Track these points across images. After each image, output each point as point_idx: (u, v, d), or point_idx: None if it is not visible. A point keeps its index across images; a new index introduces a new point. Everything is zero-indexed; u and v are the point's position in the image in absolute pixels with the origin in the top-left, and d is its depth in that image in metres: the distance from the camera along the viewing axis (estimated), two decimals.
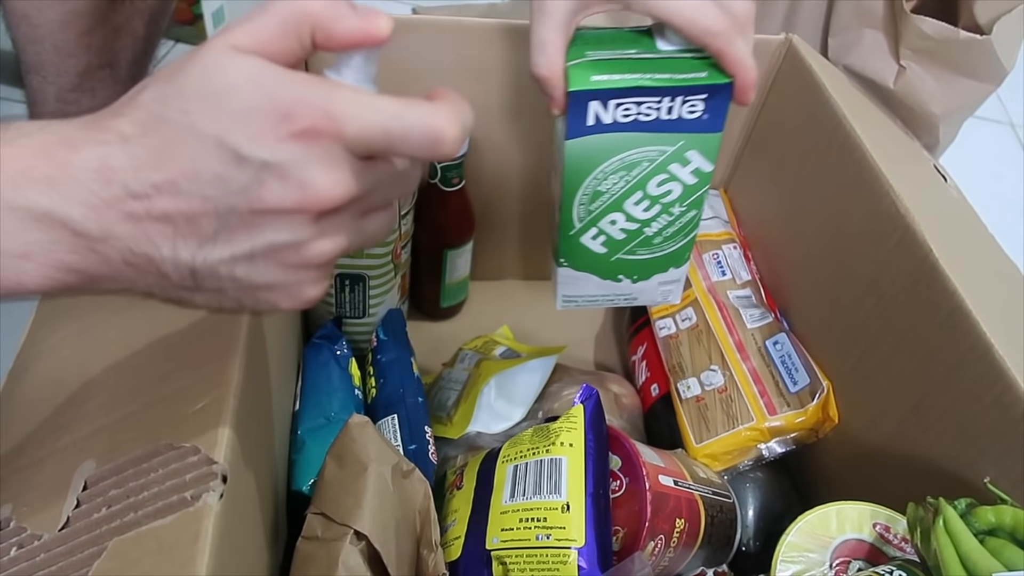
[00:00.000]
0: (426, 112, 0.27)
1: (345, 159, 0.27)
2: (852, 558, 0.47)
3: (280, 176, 0.26)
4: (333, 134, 0.26)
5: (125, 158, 0.26)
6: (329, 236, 0.28)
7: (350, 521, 0.44)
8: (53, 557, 0.34)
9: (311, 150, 0.26)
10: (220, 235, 0.27)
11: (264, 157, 0.26)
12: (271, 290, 0.29)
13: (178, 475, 0.34)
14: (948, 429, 0.48)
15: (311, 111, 0.26)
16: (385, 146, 0.27)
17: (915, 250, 0.50)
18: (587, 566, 0.44)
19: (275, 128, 0.26)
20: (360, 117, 0.27)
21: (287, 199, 0.26)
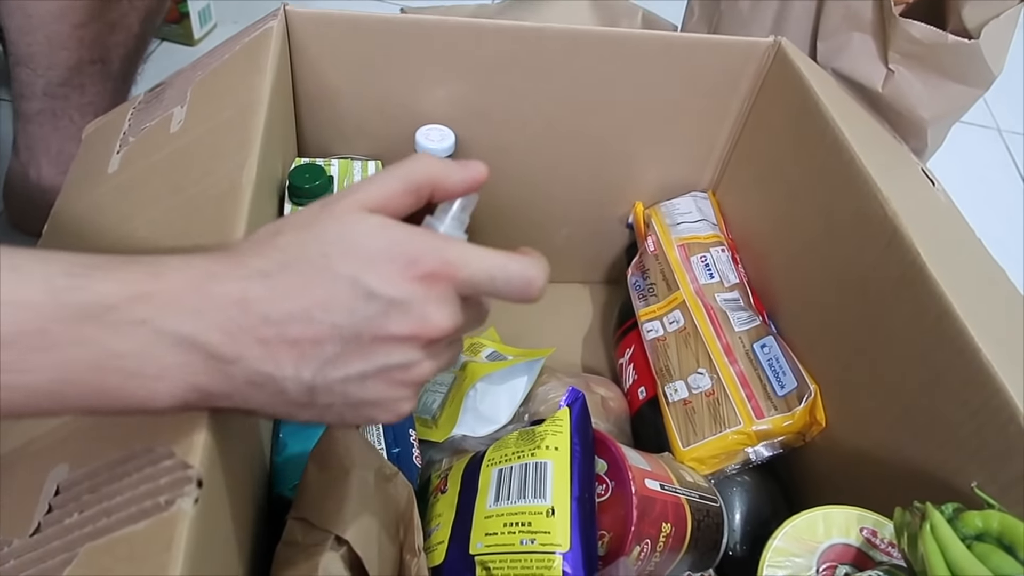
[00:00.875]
0: (524, 265, 0.33)
1: (455, 299, 0.32)
2: (839, 563, 0.46)
3: (404, 310, 0.31)
4: (449, 278, 0.32)
5: (264, 291, 0.30)
6: (431, 359, 0.33)
7: (331, 526, 0.43)
8: (23, 564, 0.33)
9: (431, 290, 0.31)
10: (341, 357, 0.31)
11: (392, 295, 0.30)
12: (374, 406, 0.33)
13: (152, 480, 0.33)
14: (935, 433, 0.48)
15: (433, 259, 0.31)
16: (489, 289, 0.33)
17: (903, 254, 0.50)
18: (572, 571, 0.44)
19: (402, 272, 0.31)
20: (472, 265, 0.32)
21: (406, 329, 0.31)
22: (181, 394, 0.30)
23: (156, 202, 0.47)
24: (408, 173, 0.34)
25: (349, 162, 0.63)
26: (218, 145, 0.49)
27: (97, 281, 0.28)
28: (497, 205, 0.75)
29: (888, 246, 0.52)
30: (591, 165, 0.73)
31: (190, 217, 0.45)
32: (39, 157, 0.80)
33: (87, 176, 0.54)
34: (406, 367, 0.32)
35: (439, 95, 0.66)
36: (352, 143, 0.69)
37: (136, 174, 0.51)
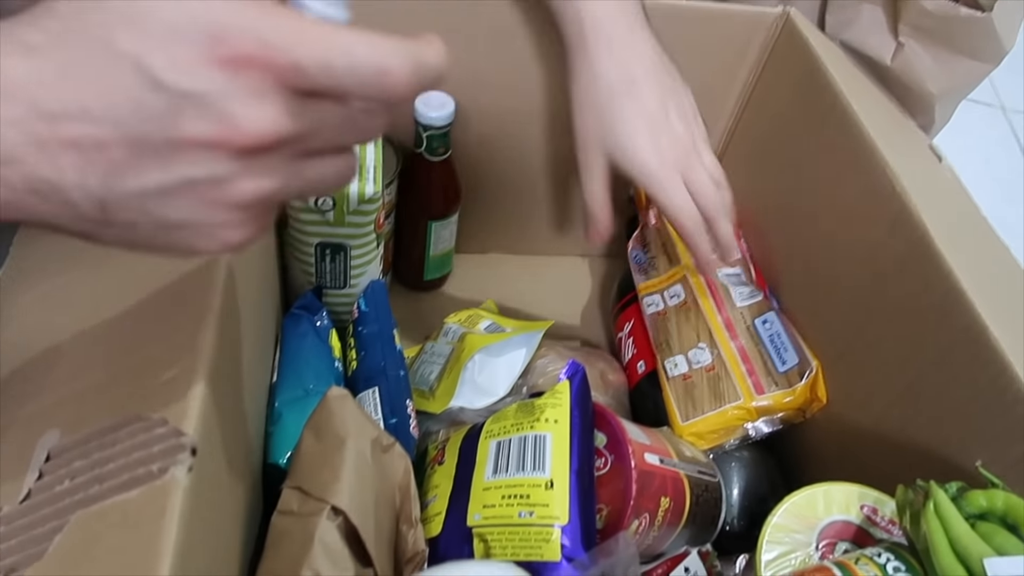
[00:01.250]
0: (376, 47, 0.24)
1: (278, 93, 0.24)
2: (838, 540, 0.46)
3: (200, 107, 0.24)
4: (265, 64, 0.24)
5: (30, 72, 0.23)
6: (255, 176, 0.25)
7: (327, 496, 0.42)
8: (13, 531, 0.33)
9: (238, 80, 0.24)
10: (132, 165, 0.24)
11: (183, 85, 0.23)
12: (186, 229, 0.26)
13: (145, 447, 0.33)
14: (939, 412, 0.47)
15: (242, 37, 0.23)
16: (328, 82, 0.25)
17: (910, 230, 0.49)
18: (570, 544, 0.43)
19: (200, 53, 0.23)
20: (299, 48, 0.24)
21: (205, 132, 0.24)
22: None
23: None
24: None
25: None
26: None
27: None
28: (496, 174, 0.74)
29: (895, 222, 0.51)
30: None
31: None
32: None
33: None
34: (217, 183, 0.25)
35: None
36: None
37: None
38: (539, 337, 0.63)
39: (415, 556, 0.45)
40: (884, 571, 0.40)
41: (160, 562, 0.29)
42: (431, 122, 0.63)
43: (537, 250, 0.83)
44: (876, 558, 0.41)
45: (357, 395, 0.55)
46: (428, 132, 0.64)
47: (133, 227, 0.26)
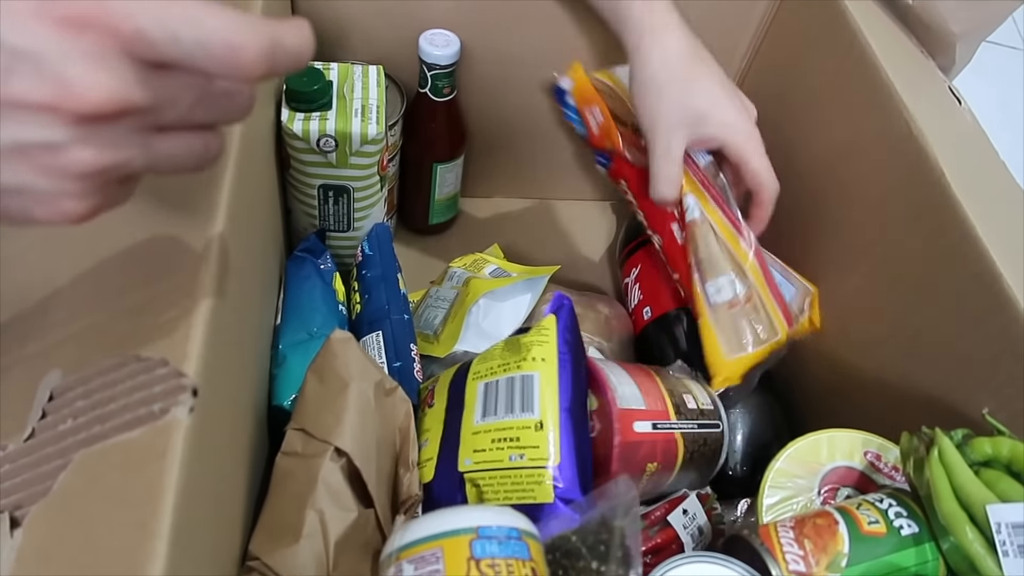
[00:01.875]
0: (230, 22, 0.23)
1: (121, 61, 0.23)
2: (841, 485, 0.46)
3: (33, 65, 0.22)
4: (107, 29, 0.22)
5: None
6: (93, 146, 0.24)
7: (331, 438, 0.43)
8: (17, 469, 0.33)
9: (77, 43, 0.22)
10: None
11: (16, 42, 0.22)
12: (22, 195, 0.25)
13: (146, 388, 0.32)
14: (947, 359, 0.47)
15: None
16: (175, 53, 0.23)
17: (926, 174, 0.48)
18: (563, 484, 0.42)
19: (38, 8, 0.22)
20: (144, 14, 0.22)
21: (38, 93, 0.22)
22: None
23: None
24: None
25: (349, 67, 0.60)
26: None
27: None
28: (502, 116, 0.72)
29: (911, 166, 0.49)
30: None
31: None
32: None
33: None
34: (50, 148, 0.23)
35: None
36: (353, 47, 0.66)
37: None
38: (544, 282, 0.62)
39: (409, 499, 0.45)
40: (886, 516, 0.40)
41: (163, 500, 0.29)
42: (436, 60, 0.62)
43: (544, 194, 0.82)
44: (878, 503, 0.41)
45: (361, 339, 0.55)
46: (433, 72, 0.63)
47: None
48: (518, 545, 0.36)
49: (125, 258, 0.40)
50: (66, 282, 0.40)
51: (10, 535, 0.31)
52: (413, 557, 0.35)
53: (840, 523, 0.40)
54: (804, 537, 0.40)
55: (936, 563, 0.39)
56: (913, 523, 0.40)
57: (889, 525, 0.40)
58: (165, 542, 0.28)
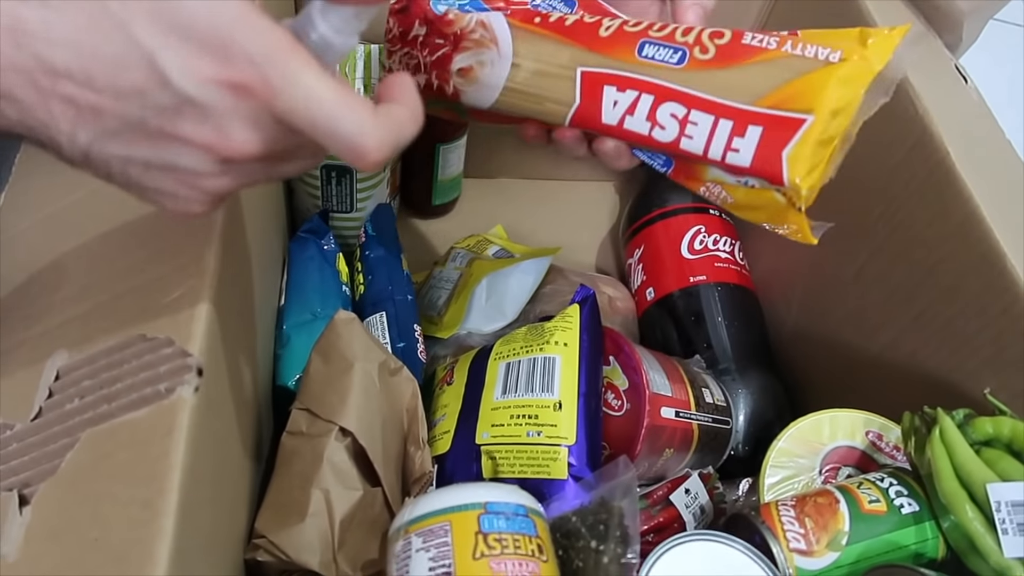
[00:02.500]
0: (360, 126, 0.26)
1: (268, 123, 0.26)
2: (842, 465, 0.46)
3: (200, 115, 0.25)
4: (264, 100, 0.25)
5: (39, 24, 0.24)
6: (230, 176, 0.28)
7: (335, 418, 0.43)
8: (25, 448, 0.33)
9: (240, 104, 0.25)
10: (123, 135, 0.26)
11: (191, 92, 0.25)
12: (159, 194, 0.28)
13: (152, 367, 0.33)
14: (950, 340, 0.47)
15: (251, 70, 0.25)
16: (309, 135, 0.26)
17: (931, 153, 0.48)
18: (577, 463, 0.44)
19: (213, 68, 0.25)
20: (294, 99, 0.25)
21: (199, 136, 0.26)
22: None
23: None
24: None
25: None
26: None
27: None
28: None
29: (916, 145, 0.49)
30: None
31: None
32: None
33: None
34: (197, 174, 0.27)
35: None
36: None
37: None
38: (547, 263, 0.62)
39: (422, 476, 0.46)
40: (886, 495, 0.41)
41: (169, 478, 0.29)
42: None
43: (547, 175, 0.82)
44: (879, 482, 0.42)
45: (364, 319, 0.56)
46: None
47: (109, 175, 0.28)
48: (525, 522, 0.36)
49: (129, 238, 0.40)
50: (71, 262, 0.40)
51: (19, 513, 0.31)
52: (422, 530, 0.35)
53: (841, 502, 0.41)
54: (805, 515, 0.40)
55: (936, 541, 0.39)
56: (913, 502, 0.40)
57: (890, 504, 0.40)
58: (172, 519, 0.29)
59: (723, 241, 0.66)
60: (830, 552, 0.39)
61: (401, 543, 0.36)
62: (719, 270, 0.65)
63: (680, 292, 0.64)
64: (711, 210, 0.69)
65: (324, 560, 0.40)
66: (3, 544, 0.30)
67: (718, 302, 0.63)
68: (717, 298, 0.63)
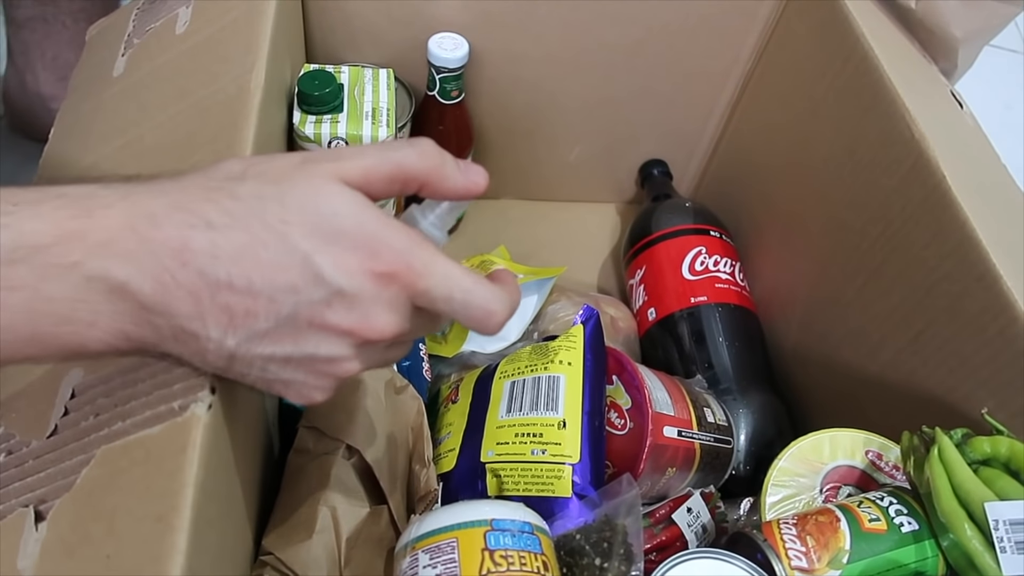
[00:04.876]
0: (488, 295, 0.30)
1: (407, 306, 0.29)
2: (843, 484, 0.47)
3: (349, 304, 0.28)
4: (407, 284, 0.29)
5: (207, 244, 0.27)
6: (362, 359, 0.30)
7: (342, 436, 0.44)
8: (42, 464, 0.34)
9: (384, 291, 0.28)
10: (270, 336, 0.28)
11: (342, 284, 0.28)
12: (287, 386, 0.31)
13: (166, 385, 0.33)
14: (948, 360, 0.48)
15: (398, 259, 0.28)
16: (445, 308, 0.30)
17: (927, 177, 0.49)
18: (581, 481, 0.44)
19: (361, 262, 0.28)
20: (435, 278, 0.29)
21: (345, 323, 0.28)
22: (112, 340, 0.28)
23: (163, 107, 0.46)
24: (404, 159, 0.30)
25: (360, 70, 0.61)
26: (225, 48, 0.47)
27: (24, 219, 0.26)
28: (509, 118, 0.73)
29: (912, 168, 0.50)
30: (606, 78, 0.71)
31: (198, 122, 0.44)
32: (35, 63, 0.78)
33: (92, 79, 0.52)
34: (333, 360, 0.30)
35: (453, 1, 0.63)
36: (362, 49, 0.66)
37: (142, 77, 0.49)
38: (550, 284, 0.63)
39: (428, 494, 0.46)
40: (886, 513, 0.41)
41: (183, 495, 0.30)
42: (444, 64, 0.63)
43: (550, 196, 0.83)
44: (879, 501, 0.42)
45: None
46: (441, 75, 0.63)
47: (245, 376, 0.31)
48: (530, 539, 0.37)
49: None
50: None
51: (35, 528, 0.32)
52: (429, 547, 0.36)
53: (842, 520, 0.41)
54: (806, 534, 0.41)
55: (936, 560, 0.40)
56: (913, 520, 0.41)
57: (890, 522, 0.41)
58: (185, 536, 0.29)
59: (723, 262, 0.67)
60: (831, 570, 0.39)
61: (408, 560, 0.36)
62: (720, 291, 0.66)
63: (681, 313, 0.65)
64: (712, 231, 0.70)
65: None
66: (20, 560, 0.31)
67: (719, 323, 0.64)
68: (718, 319, 0.64)
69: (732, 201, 0.75)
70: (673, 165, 0.80)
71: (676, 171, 0.80)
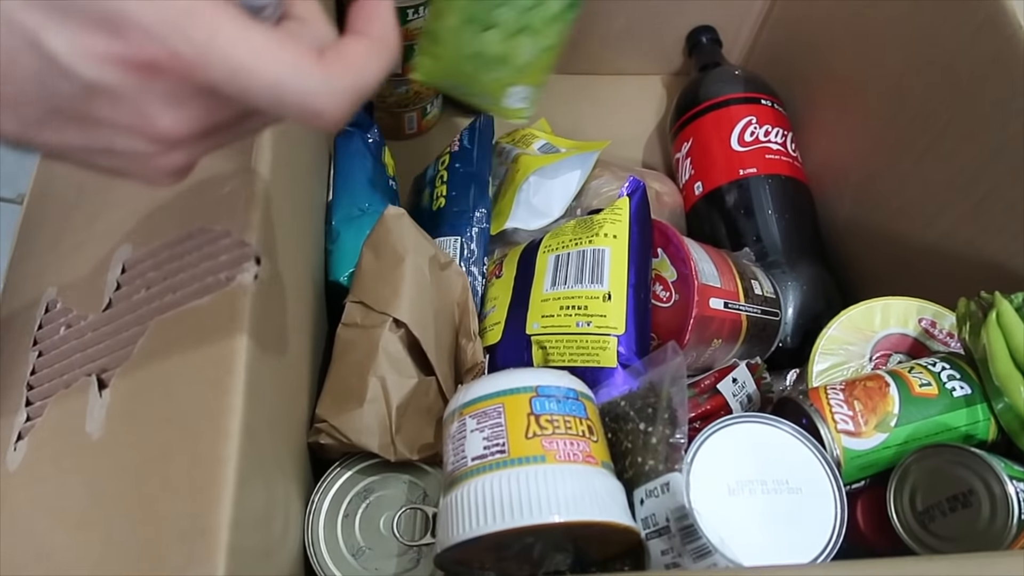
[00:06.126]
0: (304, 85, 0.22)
1: (194, 98, 0.22)
2: (894, 352, 0.46)
3: (111, 99, 0.22)
4: (178, 76, 0.22)
5: None
6: (180, 152, 0.24)
7: (389, 309, 0.44)
8: (99, 336, 0.35)
9: (151, 84, 0.22)
10: (48, 124, 0.23)
11: (88, 75, 0.21)
12: (118, 172, 0.25)
13: (212, 257, 0.34)
14: (1010, 225, 0.45)
15: (151, 43, 0.21)
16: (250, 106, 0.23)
17: (1001, 27, 0.45)
18: (626, 352, 0.45)
19: (107, 46, 0.21)
20: (215, 70, 0.21)
21: (122, 120, 0.22)
22: None
23: None
24: None
25: None
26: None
27: None
28: None
29: (985, 21, 0.46)
30: None
31: None
32: None
33: None
34: (140, 155, 0.24)
35: None
36: None
37: None
38: (594, 158, 0.62)
39: (475, 367, 0.47)
40: (938, 379, 0.41)
41: (235, 360, 0.31)
42: None
43: (593, 69, 0.79)
44: (931, 367, 0.41)
45: (437, 238, 0.54)
46: None
47: (63, 156, 0.25)
48: (575, 404, 0.37)
49: None
50: None
51: (99, 395, 0.33)
52: (476, 412, 0.36)
53: (891, 385, 0.41)
54: (854, 399, 0.40)
55: (987, 423, 0.39)
56: (966, 385, 0.40)
57: (941, 387, 0.40)
58: (240, 398, 0.30)
59: (775, 132, 0.64)
60: (878, 433, 0.39)
61: (456, 425, 0.37)
62: (770, 162, 0.63)
63: (729, 185, 0.63)
64: (763, 100, 0.66)
65: (383, 443, 0.42)
66: (88, 423, 0.32)
67: (768, 195, 0.62)
68: (768, 191, 0.62)
69: (785, 69, 0.71)
70: (723, 32, 0.76)
71: (726, 39, 0.76)
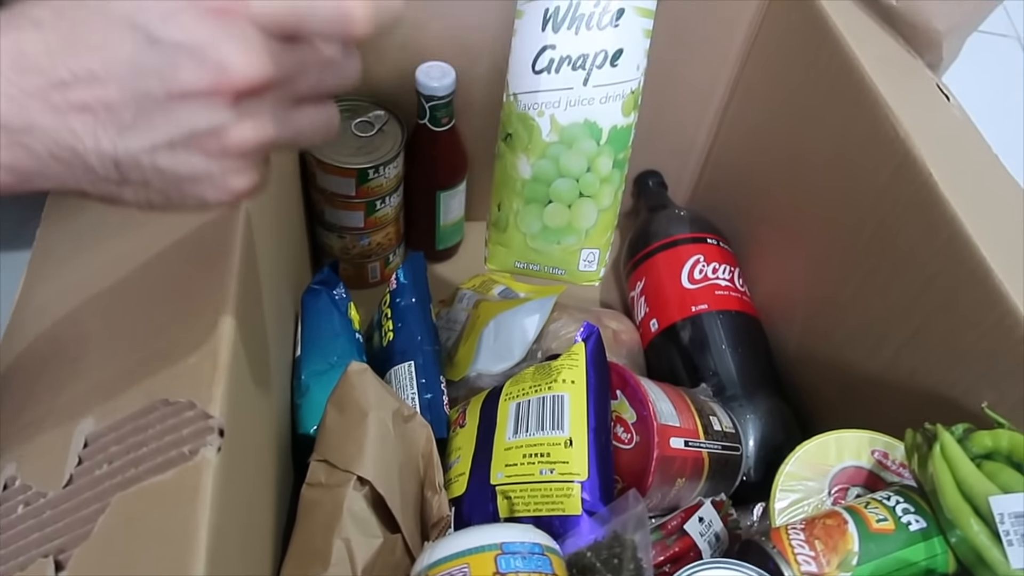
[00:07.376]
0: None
1: (260, 39, 0.26)
2: (851, 485, 0.47)
3: (194, 57, 0.26)
4: (242, 12, 0.26)
5: (40, 44, 0.26)
6: (251, 121, 0.28)
7: (353, 467, 0.44)
8: (59, 514, 0.35)
9: (225, 30, 0.26)
10: (139, 122, 0.26)
11: (177, 37, 0.26)
12: (196, 182, 0.28)
13: (175, 431, 0.34)
14: (947, 354, 0.48)
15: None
16: (295, 25, 0.27)
17: (915, 174, 0.49)
18: (590, 498, 0.45)
19: (187, 7, 0.26)
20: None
21: (202, 80, 0.26)
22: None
23: None
24: None
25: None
26: None
27: None
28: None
29: (900, 167, 0.51)
30: None
31: None
32: None
33: None
34: (216, 132, 0.27)
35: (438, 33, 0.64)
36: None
37: None
38: (552, 302, 0.64)
39: (440, 520, 0.47)
40: (893, 513, 0.41)
41: (197, 537, 0.31)
42: (433, 92, 0.64)
43: None
44: (885, 501, 0.42)
45: (392, 367, 0.56)
46: (431, 103, 0.64)
47: (147, 185, 0.28)
48: (541, 560, 0.37)
49: (147, 303, 0.42)
50: (93, 330, 0.42)
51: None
52: (442, 574, 0.36)
53: (849, 522, 0.41)
54: (815, 538, 0.41)
55: (945, 556, 0.40)
56: (921, 518, 0.41)
57: (897, 522, 0.41)
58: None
59: (722, 269, 0.68)
60: (841, 573, 0.40)
61: None
62: (720, 298, 0.66)
63: (683, 322, 0.66)
64: (709, 239, 0.70)
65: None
66: None
67: (721, 330, 0.64)
68: (720, 326, 0.64)
69: (728, 208, 0.75)
70: (667, 175, 0.81)
71: (670, 181, 0.81)
